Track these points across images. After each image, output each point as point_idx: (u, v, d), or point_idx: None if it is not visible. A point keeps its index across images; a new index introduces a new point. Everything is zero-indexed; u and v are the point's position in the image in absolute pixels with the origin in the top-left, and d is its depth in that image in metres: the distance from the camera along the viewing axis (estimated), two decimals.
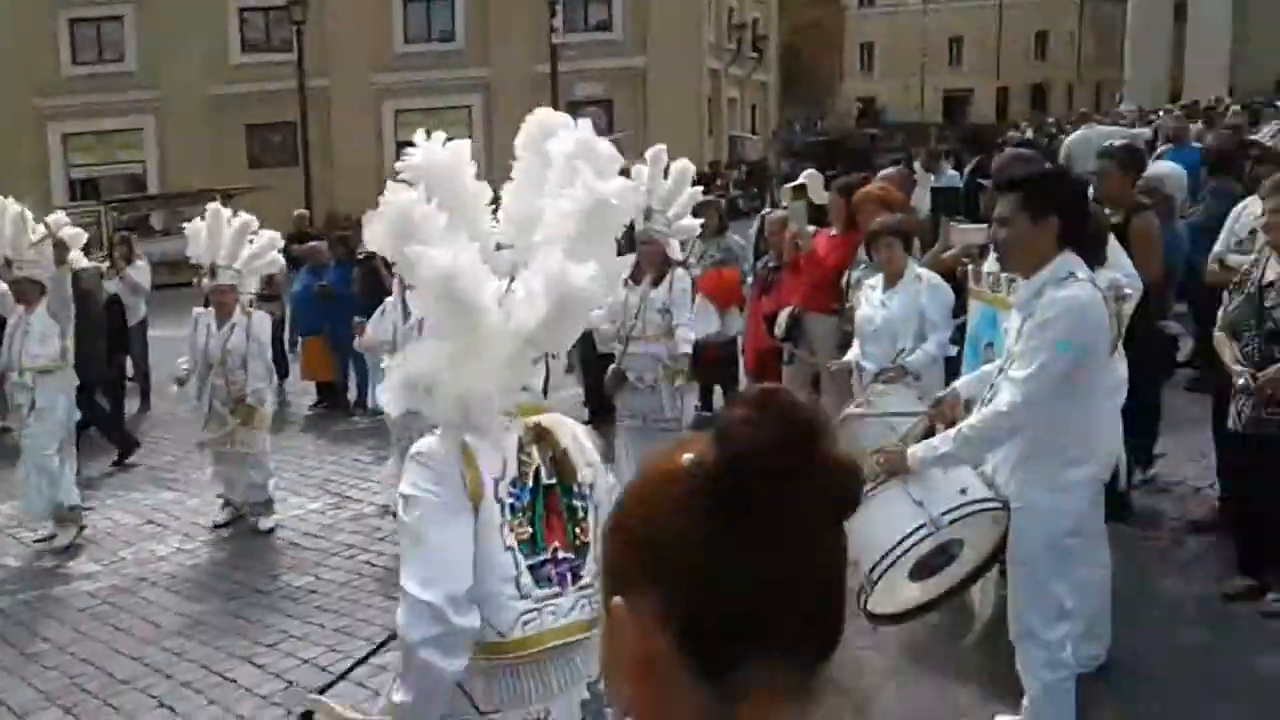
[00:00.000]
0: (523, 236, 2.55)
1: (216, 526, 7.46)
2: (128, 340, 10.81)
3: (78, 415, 7.73)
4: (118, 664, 5.50)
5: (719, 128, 35.91)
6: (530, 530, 2.42)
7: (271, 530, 7.26)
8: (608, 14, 32.72)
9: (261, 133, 31.06)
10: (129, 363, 11.13)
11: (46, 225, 7.59)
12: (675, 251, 6.37)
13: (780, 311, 7.31)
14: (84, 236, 8.49)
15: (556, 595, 2.44)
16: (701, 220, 6.94)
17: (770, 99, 44.79)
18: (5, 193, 7.80)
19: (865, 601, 3.58)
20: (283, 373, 10.57)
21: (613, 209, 2.47)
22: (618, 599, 0.88)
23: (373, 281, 9.90)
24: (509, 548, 2.38)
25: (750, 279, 8.20)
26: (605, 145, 2.57)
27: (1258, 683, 4.35)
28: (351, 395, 10.68)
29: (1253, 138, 7.86)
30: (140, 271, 11.39)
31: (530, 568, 2.41)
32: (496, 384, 2.41)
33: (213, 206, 7.60)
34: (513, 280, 2.46)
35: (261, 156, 31.11)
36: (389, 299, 6.95)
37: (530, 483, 2.44)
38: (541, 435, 2.48)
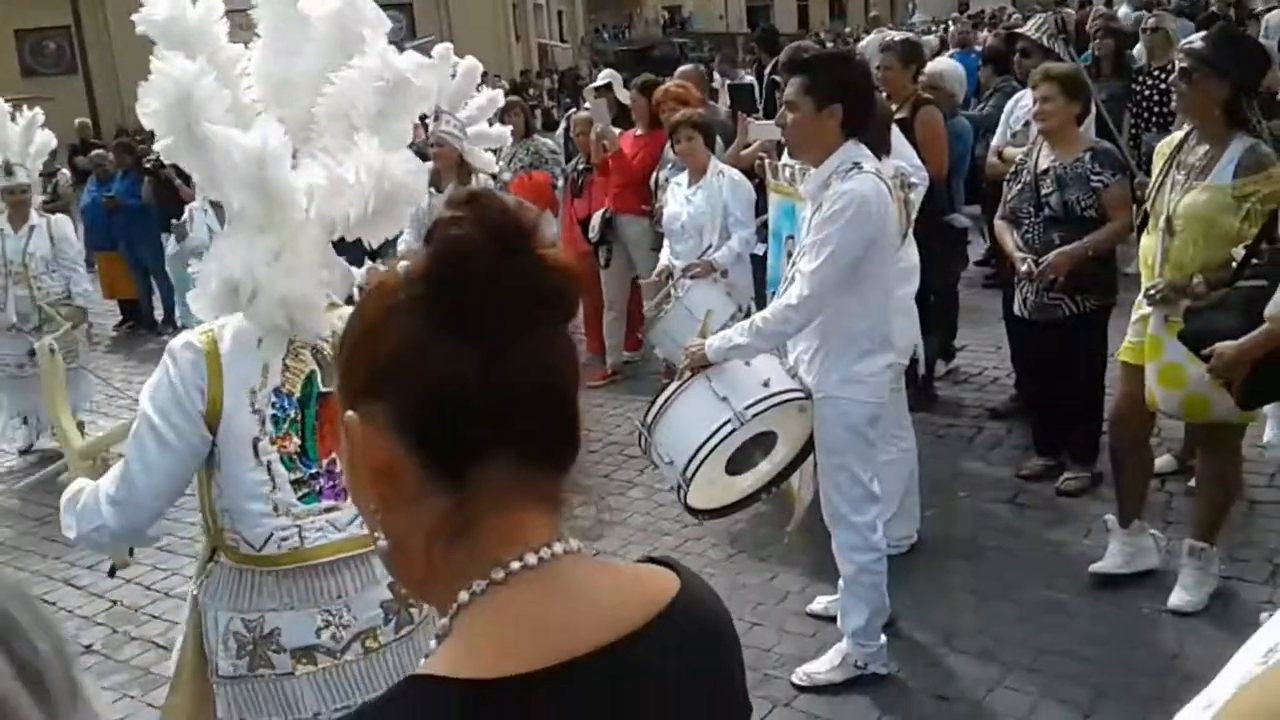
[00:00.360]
0: (282, 106, 2.30)
1: (23, 453, 7.18)
2: None
3: None
4: None
5: (526, 35, 35.30)
6: (299, 442, 2.28)
7: None
8: None
9: (32, 38, 28.67)
10: None
11: None
12: (479, 159, 6.17)
13: (593, 215, 7.47)
14: None
15: (331, 510, 2.30)
16: (510, 127, 6.95)
17: (577, 7, 44.24)
18: None
19: (685, 496, 3.66)
20: None
21: (413, 88, 2.28)
22: (350, 413, 0.89)
23: (166, 192, 9.55)
24: (264, 463, 2.25)
25: (561, 183, 8.29)
26: (371, 7, 2.32)
27: (1054, 554, 4.68)
28: (159, 314, 10.31)
29: (1019, 30, 8.23)
30: None
31: (294, 482, 2.27)
32: (315, 282, 2.26)
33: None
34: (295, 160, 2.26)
35: (35, 64, 28.78)
36: (192, 205, 6.78)
37: (298, 391, 2.28)
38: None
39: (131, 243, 10.02)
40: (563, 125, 10.11)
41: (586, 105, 8.57)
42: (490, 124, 6.29)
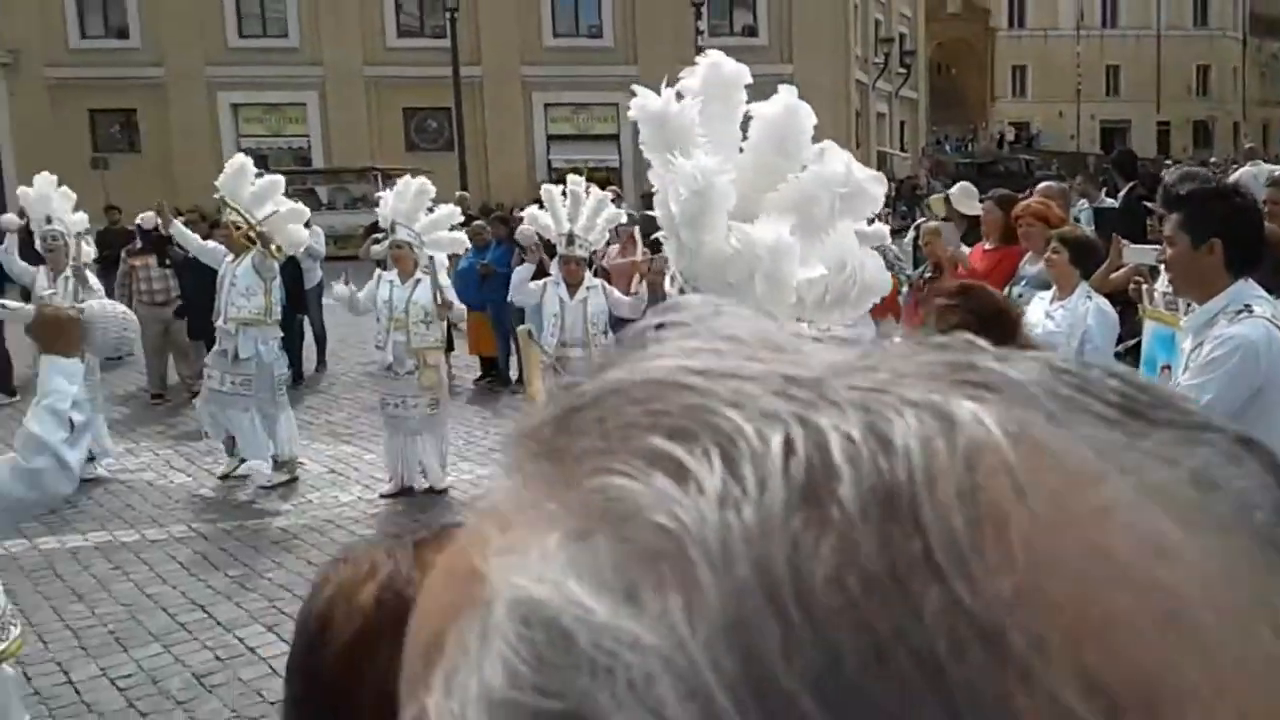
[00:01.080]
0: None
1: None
2: (305, 301, 11.56)
3: (285, 370, 8.40)
4: None
5: (867, 142, 35.86)
6: None
7: (444, 491, 7.78)
8: (753, 19, 32.99)
9: (418, 116, 32.19)
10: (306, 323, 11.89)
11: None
12: None
13: None
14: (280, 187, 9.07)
15: None
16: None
17: (919, 117, 44.46)
18: (189, 154, 8.61)
19: None
20: (448, 346, 11.17)
21: (867, 195, 2.56)
22: None
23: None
24: None
25: (906, 289, 8.41)
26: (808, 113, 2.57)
27: None
28: (512, 373, 11.23)
29: None
30: (316, 236, 12.12)
31: None
32: None
33: (404, 177, 8.19)
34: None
35: (418, 140, 32.25)
36: (548, 279, 7.60)
37: None
38: None
39: (498, 306, 11.01)
40: (910, 234, 10.26)
41: (933, 214, 8.68)
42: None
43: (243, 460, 8.10)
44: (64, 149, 23.87)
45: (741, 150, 2.62)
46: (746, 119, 2.64)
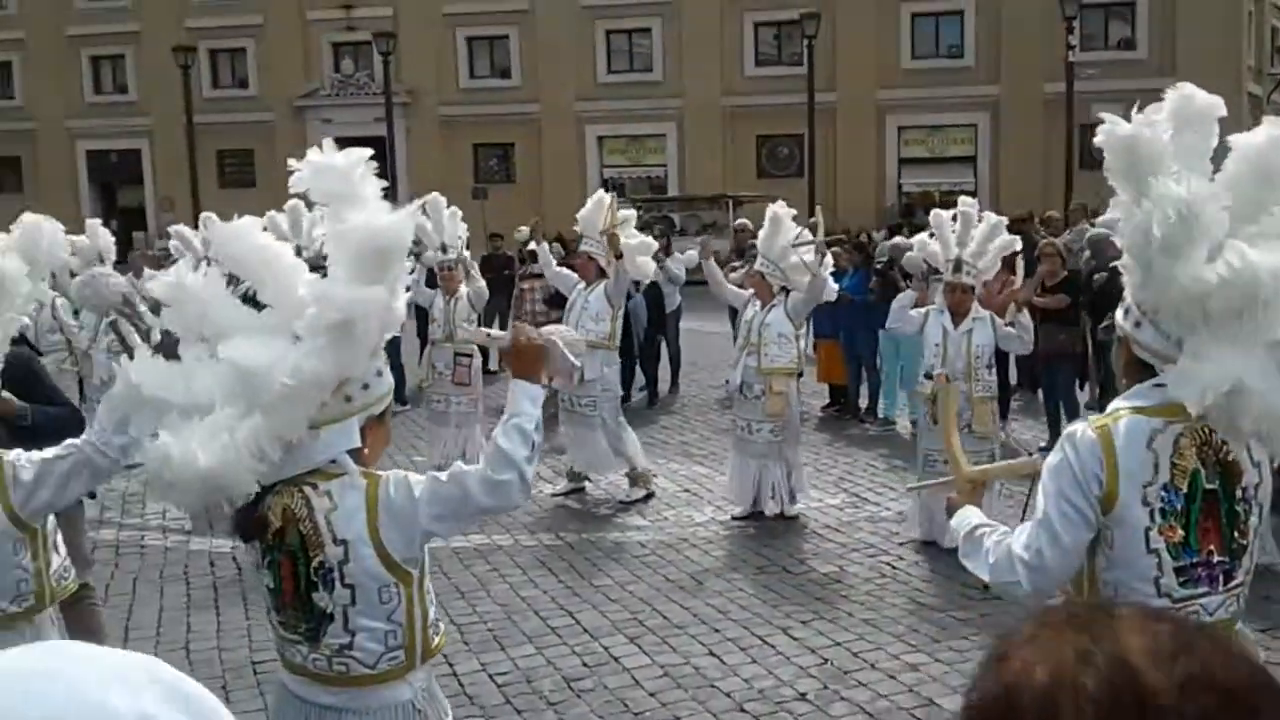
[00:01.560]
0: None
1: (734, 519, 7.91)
2: (665, 325, 11.99)
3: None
4: (671, 609, 6.22)
5: None
6: (1183, 533, 2.53)
7: (795, 517, 7.77)
8: (1130, 31, 30.80)
9: (770, 143, 32.69)
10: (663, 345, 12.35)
11: (612, 215, 8.73)
12: None
13: None
14: (633, 220, 9.51)
15: (1205, 594, 2.57)
16: None
17: None
18: (557, 184, 9.09)
19: None
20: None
21: None
22: None
23: (889, 289, 10.30)
24: (1153, 550, 2.52)
25: None
26: None
27: None
28: (863, 402, 11.09)
29: None
30: (677, 263, 12.60)
31: (1178, 569, 2.54)
32: None
33: (773, 208, 8.23)
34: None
35: (769, 166, 32.75)
36: (930, 306, 7.23)
37: (1185, 487, 2.52)
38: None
39: (851, 334, 10.92)
40: None
41: None
42: None
43: (582, 480, 8.49)
44: (450, 180, 26.26)
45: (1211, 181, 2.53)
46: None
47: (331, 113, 34.66)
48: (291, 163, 2.66)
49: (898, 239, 11.78)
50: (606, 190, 9.68)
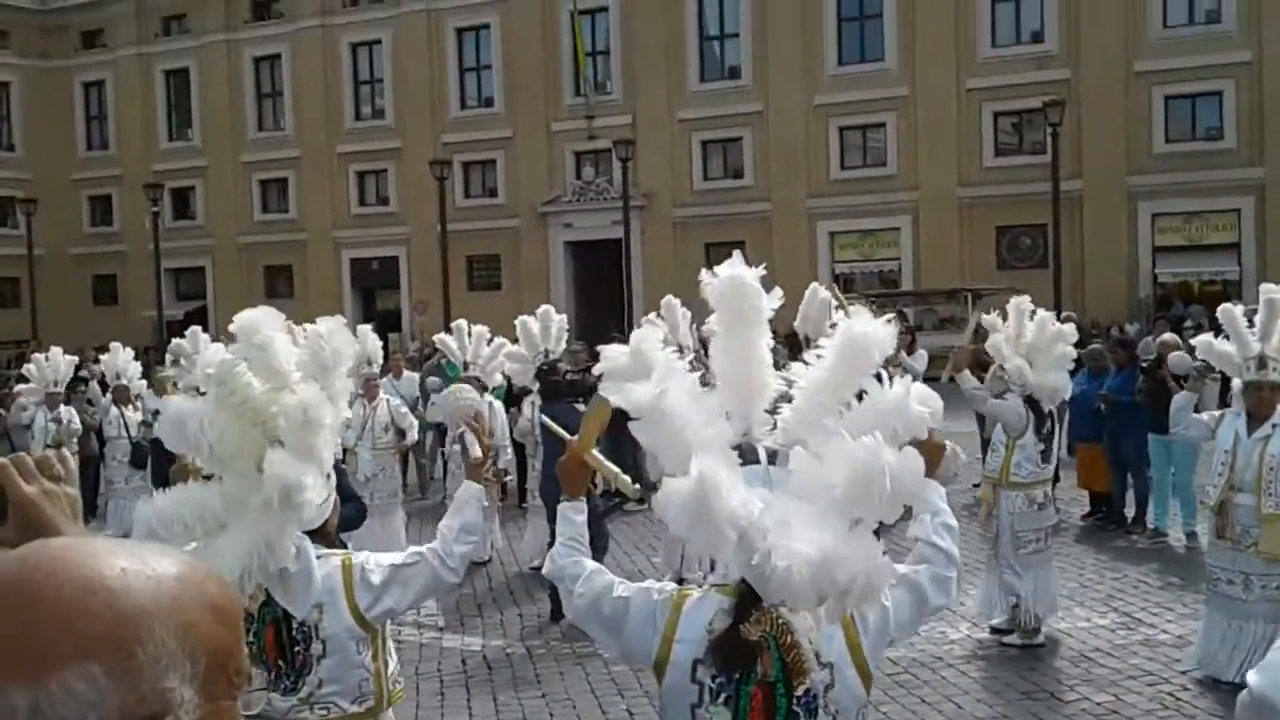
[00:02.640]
0: None
1: (994, 631, 7.52)
2: None
3: None
4: None
5: None
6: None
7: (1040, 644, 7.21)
8: None
9: (1010, 234, 31.64)
10: None
11: (844, 303, 8.59)
12: None
13: None
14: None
15: None
16: None
17: None
18: (788, 280, 9.02)
19: None
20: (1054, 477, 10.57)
21: None
22: None
23: (1158, 389, 9.59)
24: None
25: None
26: None
27: None
28: (1129, 511, 10.32)
29: None
30: (920, 360, 12.21)
31: None
32: None
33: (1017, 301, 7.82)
34: None
35: (1010, 257, 31.67)
36: (1227, 410, 6.61)
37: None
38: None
39: (1116, 437, 10.24)
40: None
41: None
42: None
43: None
44: (683, 279, 26.71)
45: None
46: None
47: (572, 217, 36.17)
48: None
49: (1166, 335, 11.01)
50: (839, 285, 9.58)
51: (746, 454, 2.44)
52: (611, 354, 2.52)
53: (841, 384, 2.39)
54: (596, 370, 2.61)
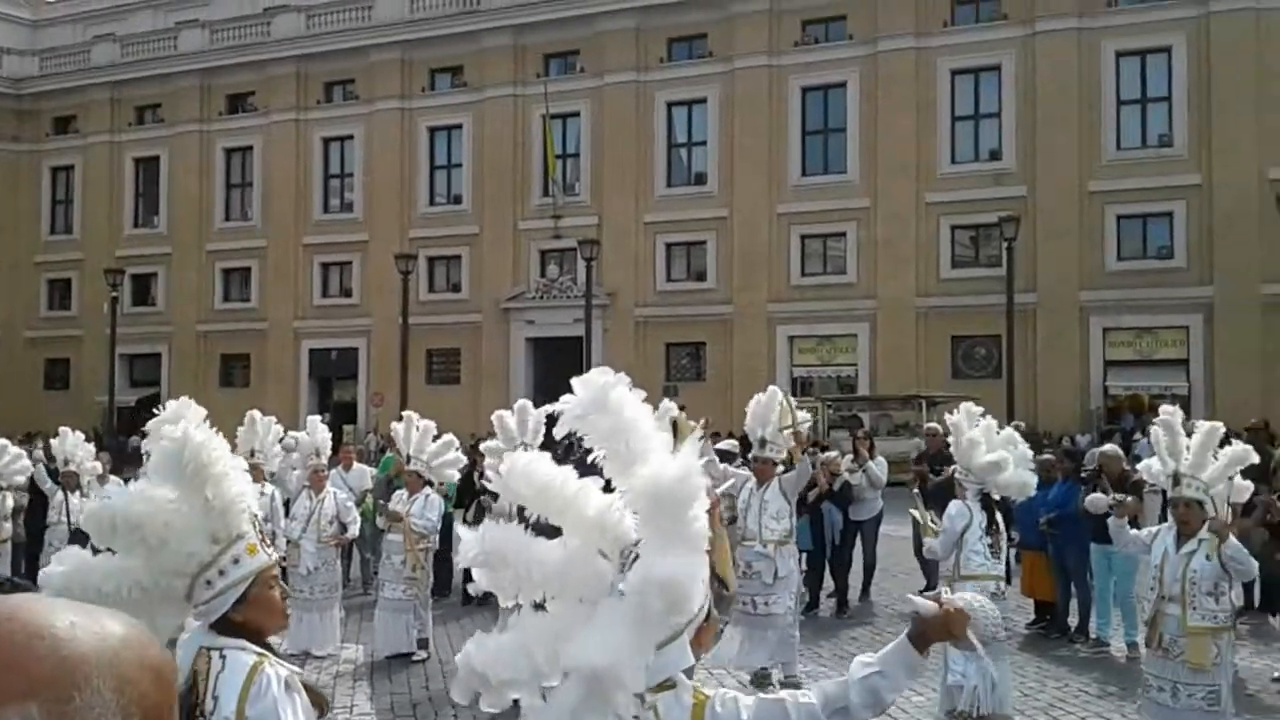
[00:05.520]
0: None
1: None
2: (862, 531, 11.59)
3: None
4: None
5: None
6: None
7: None
8: None
9: (965, 343, 32.12)
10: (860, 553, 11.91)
11: (793, 415, 8.79)
12: None
13: None
14: (809, 422, 9.63)
15: None
16: None
17: None
18: (746, 382, 9.23)
19: None
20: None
21: None
22: None
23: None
24: None
25: None
26: None
27: None
28: (1073, 620, 10.31)
29: None
30: (880, 467, 12.28)
31: None
32: None
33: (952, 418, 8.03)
34: None
35: (964, 366, 32.09)
36: (1162, 525, 6.68)
37: None
38: None
39: (1059, 546, 10.28)
40: None
41: None
42: None
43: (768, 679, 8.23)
44: (643, 377, 26.65)
45: None
46: None
47: (535, 314, 36.36)
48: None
49: (1106, 447, 11.15)
50: (795, 390, 9.73)
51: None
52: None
53: (660, 534, 2.38)
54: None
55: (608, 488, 2.49)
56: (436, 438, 10.18)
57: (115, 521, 2.79)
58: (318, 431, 10.72)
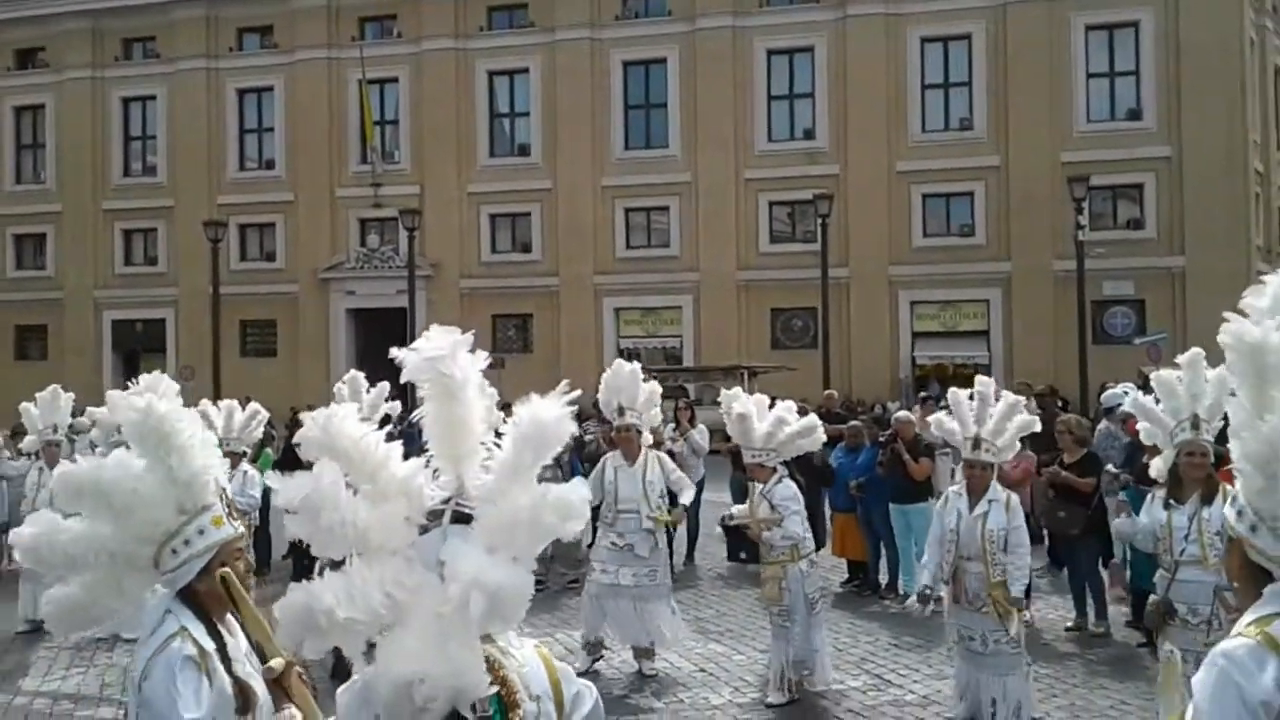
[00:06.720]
0: None
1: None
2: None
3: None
4: None
5: None
6: None
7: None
8: (1139, 212, 31.48)
9: (784, 316, 33.14)
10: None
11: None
12: None
13: None
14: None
15: None
16: None
17: None
18: (574, 353, 9.22)
19: None
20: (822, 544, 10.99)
21: None
22: None
23: (895, 463, 10.32)
24: None
25: None
26: None
27: None
28: (882, 577, 10.85)
29: None
30: (702, 435, 12.58)
31: None
32: None
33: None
34: None
35: (783, 338, 33.11)
36: (951, 488, 7.09)
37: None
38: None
39: (867, 508, 10.79)
40: None
41: None
42: None
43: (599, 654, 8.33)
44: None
45: None
46: None
47: (355, 285, 35.45)
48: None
49: (900, 413, 11.77)
50: (625, 359, 9.68)
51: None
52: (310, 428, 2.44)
53: (519, 466, 2.40)
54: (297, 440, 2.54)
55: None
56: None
57: (82, 487, 2.81)
58: (117, 409, 10.15)
